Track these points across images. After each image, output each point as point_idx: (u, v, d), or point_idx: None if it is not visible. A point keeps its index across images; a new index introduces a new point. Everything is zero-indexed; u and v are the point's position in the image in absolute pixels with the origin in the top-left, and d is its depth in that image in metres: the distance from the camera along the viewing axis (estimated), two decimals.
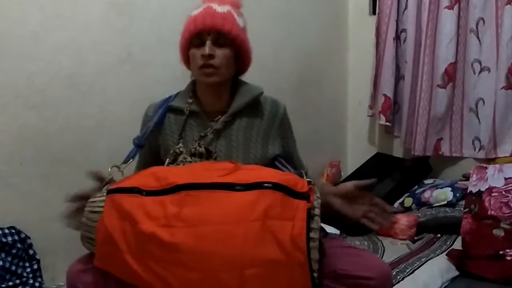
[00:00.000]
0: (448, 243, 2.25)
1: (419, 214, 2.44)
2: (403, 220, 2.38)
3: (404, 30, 2.82)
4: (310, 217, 1.12)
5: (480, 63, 2.58)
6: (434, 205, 2.44)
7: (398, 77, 2.89)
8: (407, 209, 2.55)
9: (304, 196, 1.15)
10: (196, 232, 1.12)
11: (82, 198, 1.31)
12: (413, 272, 1.93)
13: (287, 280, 1.10)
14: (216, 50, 1.39)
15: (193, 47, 1.42)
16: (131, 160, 1.45)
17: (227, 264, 1.10)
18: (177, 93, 1.56)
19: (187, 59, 1.47)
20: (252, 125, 1.50)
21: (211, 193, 1.16)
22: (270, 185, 1.16)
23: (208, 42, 1.39)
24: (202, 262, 1.10)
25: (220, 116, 1.48)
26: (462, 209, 2.24)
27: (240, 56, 1.46)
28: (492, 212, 2.04)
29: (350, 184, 1.33)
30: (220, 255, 1.10)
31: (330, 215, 1.24)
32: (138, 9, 2.18)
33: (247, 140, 1.48)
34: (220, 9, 1.41)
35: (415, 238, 2.35)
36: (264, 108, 1.52)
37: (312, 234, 1.11)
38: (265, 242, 1.10)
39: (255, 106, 1.51)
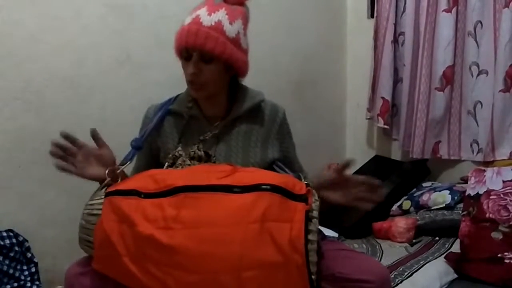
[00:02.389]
0: (446, 246, 2.25)
1: (418, 217, 2.44)
2: (402, 223, 2.38)
3: (402, 33, 2.82)
4: (308, 219, 1.13)
5: (478, 66, 2.58)
6: (433, 208, 2.43)
7: (397, 80, 2.89)
8: (405, 212, 2.55)
9: (302, 198, 1.15)
10: (195, 234, 1.12)
11: (68, 138, 1.33)
12: (411, 275, 1.93)
13: (285, 282, 1.10)
14: (203, 66, 1.37)
15: (182, 59, 1.41)
16: (128, 162, 1.45)
17: (225, 266, 1.10)
18: (177, 96, 1.56)
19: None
20: (251, 130, 1.50)
21: (210, 195, 1.16)
22: (268, 187, 1.16)
23: (193, 59, 1.36)
24: (200, 264, 1.10)
25: (219, 121, 1.48)
26: (460, 212, 2.23)
27: (231, 67, 1.42)
28: (491, 215, 2.04)
29: (330, 173, 1.31)
30: (219, 257, 1.10)
31: (323, 209, 1.23)
32: (136, 11, 2.18)
33: (246, 145, 1.48)
34: (208, 20, 1.34)
35: (414, 241, 2.35)
36: (264, 113, 1.52)
37: (310, 236, 1.11)
38: (263, 244, 1.10)
39: (255, 111, 1.51)
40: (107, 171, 1.34)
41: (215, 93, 1.45)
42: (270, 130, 1.52)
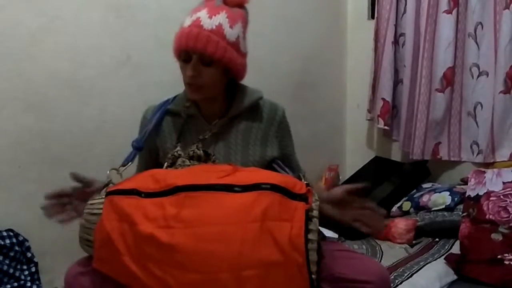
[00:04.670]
0: (446, 247, 2.25)
1: (417, 218, 2.44)
2: (401, 224, 2.38)
3: (402, 34, 2.82)
4: (308, 218, 1.13)
5: (478, 67, 2.58)
6: (432, 209, 2.43)
7: (397, 81, 2.89)
8: (405, 213, 2.55)
9: (303, 197, 1.16)
10: (195, 233, 1.12)
11: (61, 196, 1.34)
12: (411, 276, 1.93)
13: (285, 281, 1.10)
14: (202, 69, 1.36)
15: (181, 60, 1.40)
16: (130, 163, 1.45)
17: (225, 265, 1.10)
18: (175, 96, 1.56)
19: None
20: (250, 128, 1.50)
21: (210, 194, 1.16)
22: (268, 186, 1.16)
23: (192, 61, 1.35)
24: (200, 263, 1.10)
25: (218, 120, 1.48)
26: (460, 213, 2.23)
27: (230, 70, 1.41)
28: (490, 216, 2.04)
29: (340, 190, 1.32)
30: (219, 256, 1.10)
31: (323, 219, 1.23)
32: (137, 12, 2.19)
33: (245, 143, 1.48)
34: (209, 23, 1.33)
35: (413, 242, 2.34)
36: (263, 111, 1.52)
37: (310, 236, 1.11)
38: (263, 243, 1.10)
39: (253, 109, 1.51)
40: (108, 172, 1.34)
41: (213, 95, 1.45)
42: (269, 128, 1.52)
